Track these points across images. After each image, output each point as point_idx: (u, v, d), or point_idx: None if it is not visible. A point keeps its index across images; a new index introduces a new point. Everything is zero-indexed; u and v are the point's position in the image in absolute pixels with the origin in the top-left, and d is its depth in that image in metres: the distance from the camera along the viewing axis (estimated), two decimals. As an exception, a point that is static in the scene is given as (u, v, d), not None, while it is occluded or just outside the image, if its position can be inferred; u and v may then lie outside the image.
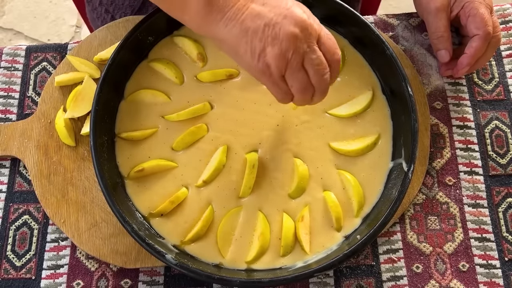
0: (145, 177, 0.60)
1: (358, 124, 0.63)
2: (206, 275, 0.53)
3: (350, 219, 0.59)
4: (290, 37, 0.46)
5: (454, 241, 0.61)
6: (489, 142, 0.65)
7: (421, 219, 0.62)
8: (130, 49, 0.62)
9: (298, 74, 0.48)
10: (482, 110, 0.67)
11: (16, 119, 0.67)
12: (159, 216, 0.59)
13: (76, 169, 0.63)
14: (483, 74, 0.69)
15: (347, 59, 0.65)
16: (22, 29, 1.66)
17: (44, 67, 0.69)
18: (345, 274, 0.60)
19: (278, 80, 0.49)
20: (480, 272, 0.60)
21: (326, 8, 0.64)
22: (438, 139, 0.65)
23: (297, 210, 0.59)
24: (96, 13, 0.86)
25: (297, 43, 0.47)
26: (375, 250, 0.61)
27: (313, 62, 0.48)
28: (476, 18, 0.61)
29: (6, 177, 0.64)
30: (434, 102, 0.67)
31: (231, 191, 0.60)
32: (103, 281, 0.60)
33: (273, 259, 0.57)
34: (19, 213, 0.63)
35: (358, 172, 0.61)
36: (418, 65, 0.69)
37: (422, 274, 0.60)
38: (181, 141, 0.61)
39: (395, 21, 0.71)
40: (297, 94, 0.50)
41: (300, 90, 0.49)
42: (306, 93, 0.50)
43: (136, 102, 0.63)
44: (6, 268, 0.60)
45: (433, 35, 0.65)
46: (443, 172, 0.64)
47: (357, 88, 0.64)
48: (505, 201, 0.62)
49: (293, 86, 0.49)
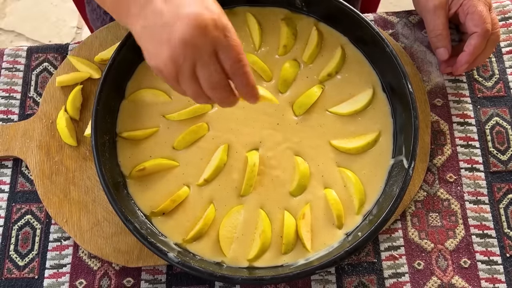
0: (147, 176, 0.60)
1: (358, 122, 0.63)
2: (208, 273, 0.53)
3: (351, 216, 0.59)
4: (181, 42, 0.43)
5: (455, 238, 0.61)
6: (489, 138, 0.65)
7: (422, 216, 0.62)
8: (131, 48, 0.62)
9: (189, 82, 0.46)
10: (483, 106, 0.67)
11: (18, 119, 0.67)
12: (161, 215, 0.59)
13: (78, 169, 0.63)
14: (483, 71, 0.69)
15: (347, 57, 0.65)
16: (24, 31, 1.66)
17: (45, 67, 0.70)
18: (347, 271, 0.60)
19: (172, 81, 0.47)
20: (481, 268, 0.60)
21: (326, 7, 0.64)
22: (438, 136, 0.65)
23: (298, 208, 0.59)
24: (96, 14, 0.86)
25: (188, 50, 0.44)
26: (377, 247, 0.61)
27: (203, 75, 0.45)
28: (475, 15, 0.61)
29: (9, 177, 0.65)
30: (434, 99, 0.67)
31: (232, 189, 0.60)
32: (106, 280, 0.60)
33: (275, 257, 0.57)
34: (22, 213, 0.63)
35: (359, 170, 0.61)
36: (418, 63, 0.69)
37: (424, 271, 0.60)
38: (182, 140, 0.61)
39: (395, 18, 0.71)
40: (191, 98, 0.48)
41: (192, 96, 0.48)
42: (199, 99, 0.48)
43: (137, 101, 0.64)
44: (9, 267, 0.61)
45: (432, 33, 0.65)
46: (444, 169, 0.64)
47: (358, 86, 0.64)
48: (506, 197, 0.62)
49: (185, 91, 0.48)
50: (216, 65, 0.45)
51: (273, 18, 0.66)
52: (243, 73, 0.47)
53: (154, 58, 0.46)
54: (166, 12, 0.44)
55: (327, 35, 0.66)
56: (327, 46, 0.66)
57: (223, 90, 0.47)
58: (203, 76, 0.45)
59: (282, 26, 0.66)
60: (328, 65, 0.65)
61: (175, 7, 0.44)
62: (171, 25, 0.44)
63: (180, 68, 0.45)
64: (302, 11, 0.66)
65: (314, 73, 0.65)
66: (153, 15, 0.45)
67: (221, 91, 0.47)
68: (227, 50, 0.45)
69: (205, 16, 0.43)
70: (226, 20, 0.45)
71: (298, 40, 0.66)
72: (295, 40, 0.66)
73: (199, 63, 0.45)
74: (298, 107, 0.63)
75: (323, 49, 0.65)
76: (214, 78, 0.45)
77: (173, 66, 0.45)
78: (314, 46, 0.65)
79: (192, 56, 0.44)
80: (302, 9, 0.66)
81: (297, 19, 0.66)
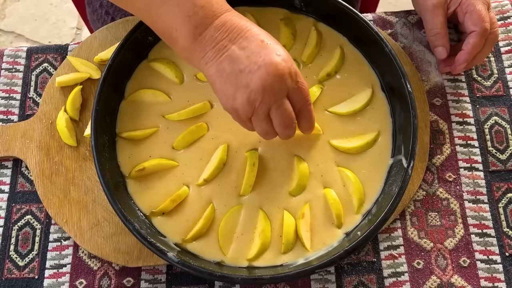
0: (146, 176, 0.60)
1: (358, 122, 0.63)
2: (208, 273, 0.53)
3: (351, 215, 0.59)
4: (260, 88, 0.48)
5: (454, 237, 0.61)
6: (488, 138, 0.65)
7: (421, 215, 0.62)
8: (130, 49, 0.62)
9: (261, 122, 0.51)
10: (482, 106, 0.67)
11: (17, 120, 0.67)
12: (160, 215, 0.59)
13: (78, 169, 0.63)
14: (482, 70, 0.69)
15: (346, 57, 0.65)
16: (23, 32, 1.67)
17: (45, 68, 0.70)
18: (346, 271, 0.60)
19: (245, 120, 0.52)
20: (481, 267, 0.60)
21: (325, 7, 0.64)
22: (437, 136, 0.65)
23: (297, 208, 0.59)
24: (97, 15, 0.86)
25: (265, 96, 0.48)
26: (376, 246, 0.61)
27: (278, 116, 0.51)
28: (473, 14, 0.61)
29: (9, 177, 0.65)
30: (433, 98, 0.67)
31: (232, 189, 0.60)
32: (106, 280, 0.60)
33: (274, 256, 0.57)
34: (22, 213, 0.63)
35: (358, 169, 0.61)
36: (417, 62, 0.69)
37: (423, 270, 0.60)
38: (181, 140, 0.62)
39: (394, 18, 0.71)
40: (260, 135, 0.54)
41: (263, 135, 0.54)
42: (267, 136, 0.54)
43: (136, 102, 0.64)
44: (9, 268, 0.61)
45: (430, 32, 0.65)
46: (443, 168, 0.64)
47: (357, 85, 0.64)
48: (505, 196, 0.63)
49: (256, 130, 0.53)
50: (289, 108, 0.51)
51: (272, 18, 0.66)
52: (309, 112, 0.54)
53: (231, 100, 0.50)
54: (244, 59, 0.48)
55: (326, 35, 0.66)
56: (326, 46, 0.66)
57: (293, 128, 0.53)
58: (277, 117, 0.51)
59: (281, 26, 0.66)
60: (327, 65, 0.65)
61: (252, 55, 0.48)
62: (249, 72, 0.48)
63: (256, 110, 0.50)
64: (301, 11, 0.67)
65: (313, 73, 0.65)
66: (230, 61, 0.49)
67: (290, 129, 0.53)
68: (298, 93, 0.51)
69: (283, 66, 0.49)
70: (295, 67, 0.51)
71: (297, 40, 0.66)
72: (294, 40, 0.66)
73: (274, 106, 0.50)
74: (297, 107, 0.63)
75: (322, 49, 0.66)
76: (287, 119, 0.51)
77: (249, 108, 0.49)
78: (313, 46, 0.65)
79: (269, 101, 0.49)
80: (301, 9, 0.66)
81: (296, 19, 0.67)
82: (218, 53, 0.49)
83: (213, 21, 0.50)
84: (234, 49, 0.49)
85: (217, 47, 0.49)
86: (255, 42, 0.49)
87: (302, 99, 0.52)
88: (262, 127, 0.52)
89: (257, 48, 0.49)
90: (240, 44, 0.49)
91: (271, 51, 0.49)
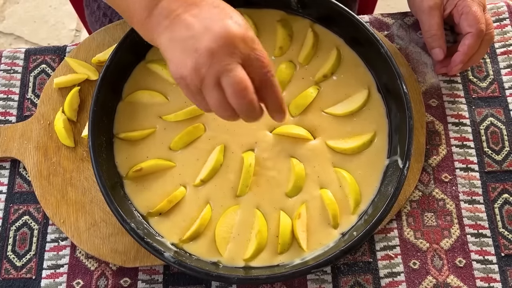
0: (144, 177, 0.61)
1: (354, 122, 0.63)
2: (205, 273, 0.53)
3: (347, 216, 0.59)
4: (208, 52, 0.44)
5: (450, 237, 0.61)
6: (484, 138, 0.65)
7: (417, 215, 0.62)
8: (128, 50, 0.63)
9: (212, 91, 0.46)
10: (477, 107, 0.67)
11: (15, 121, 0.68)
12: (157, 215, 0.59)
13: (75, 170, 0.64)
14: (478, 72, 0.69)
15: (343, 59, 0.66)
16: (22, 34, 1.67)
17: (43, 69, 0.70)
18: (343, 271, 0.60)
19: (195, 93, 0.47)
20: (476, 267, 0.60)
21: (321, 8, 0.64)
22: (434, 136, 0.66)
23: (294, 208, 0.60)
24: (95, 17, 0.87)
25: (214, 59, 0.44)
26: (372, 246, 0.61)
27: (229, 83, 0.45)
28: (469, 16, 0.62)
29: (6, 178, 0.65)
30: (429, 99, 0.68)
31: (229, 189, 0.60)
32: (103, 280, 0.60)
33: (271, 257, 0.58)
34: (19, 213, 0.63)
35: (354, 170, 0.61)
36: (413, 64, 0.69)
37: (419, 270, 0.60)
38: (178, 141, 0.62)
39: (390, 20, 0.72)
40: (215, 110, 0.48)
41: (216, 107, 0.47)
42: (223, 111, 0.47)
43: (134, 102, 0.64)
44: (6, 268, 0.61)
45: (427, 34, 0.65)
46: (439, 169, 0.64)
47: (353, 86, 0.64)
48: (501, 197, 0.63)
49: (209, 102, 0.47)
50: (243, 74, 0.45)
51: (269, 19, 0.67)
52: (272, 85, 0.47)
53: (178, 67, 0.46)
54: (195, 25, 0.46)
55: (323, 37, 0.66)
56: (322, 47, 0.66)
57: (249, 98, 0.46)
58: (228, 84, 0.45)
59: (278, 28, 0.66)
60: (323, 66, 0.65)
61: (204, 20, 0.46)
62: (199, 37, 0.45)
63: (204, 77, 0.45)
64: (298, 12, 0.67)
65: (310, 74, 0.65)
66: (181, 27, 0.47)
67: (247, 100, 0.46)
68: (255, 61, 0.46)
69: (233, 29, 0.45)
70: (253, 34, 0.47)
71: (294, 42, 0.66)
72: (291, 42, 0.66)
73: (224, 72, 0.45)
74: (294, 108, 0.64)
75: (319, 50, 0.66)
76: (240, 86, 0.45)
77: (197, 75, 0.45)
78: (310, 47, 0.65)
79: (218, 66, 0.44)
80: (297, 11, 0.67)
81: (293, 20, 0.67)
82: (171, 22, 0.47)
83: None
84: (187, 17, 0.47)
85: (171, 16, 0.47)
86: (208, 8, 0.47)
87: (260, 68, 0.46)
88: (213, 98, 0.46)
89: (210, 13, 0.46)
90: (193, 12, 0.47)
91: (225, 15, 0.46)
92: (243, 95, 0.45)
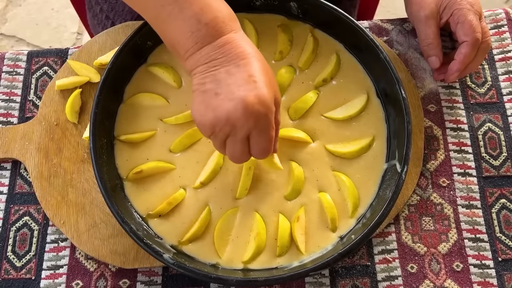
0: (144, 179, 0.61)
1: (353, 127, 0.64)
2: (203, 274, 0.54)
3: (345, 219, 0.60)
4: (224, 118, 0.49)
5: (448, 242, 0.62)
6: (482, 144, 0.66)
7: (415, 219, 0.63)
8: (129, 53, 0.63)
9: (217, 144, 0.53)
10: (475, 112, 0.68)
11: (17, 122, 0.68)
12: (157, 217, 0.60)
13: (76, 171, 0.64)
14: (476, 78, 0.70)
15: (342, 64, 0.66)
16: (25, 36, 1.68)
17: (45, 71, 0.71)
18: (341, 274, 0.60)
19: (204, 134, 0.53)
20: (474, 272, 0.60)
21: (321, 14, 0.65)
22: (432, 141, 0.66)
23: (293, 211, 0.60)
24: (97, 20, 0.87)
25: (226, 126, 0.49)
26: (370, 250, 0.61)
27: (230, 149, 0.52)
28: (465, 25, 0.62)
29: (7, 179, 0.65)
30: (428, 105, 0.68)
31: (228, 192, 0.61)
32: (102, 281, 0.60)
33: (269, 259, 0.58)
34: (20, 214, 0.64)
35: (353, 174, 0.62)
36: (412, 69, 0.70)
37: (417, 274, 0.60)
38: (179, 144, 0.62)
39: (390, 26, 0.73)
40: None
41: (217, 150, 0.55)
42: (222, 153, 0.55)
43: (135, 105, 0.64)
44: (6, 268, 0.61)
45: (423, 42, 0.66)
46: (437, 174, 0.65)
47: (352, 91, 0.65)
48: (498, 202, 0.63)
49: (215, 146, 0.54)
50: (244, 147, 0.52)
51: (269, 24, 0.68)
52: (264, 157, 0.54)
53: (197, 115, 0.51)
54: (224, 85, 0.49)
55: (323, 42, 0.67)
56: (322, 52, 0.67)
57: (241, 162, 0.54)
58: (229, 149, 0.52)
59: (279, 33, 0.67)
60: (323, 71, 0.66)
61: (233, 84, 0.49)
62: (224, 100, 0.49)
63: (215, 135, 0.51)
64: (298, 18, 0.68)
65: (310, 79, 0.66)
66: (212, 80, 0.50)
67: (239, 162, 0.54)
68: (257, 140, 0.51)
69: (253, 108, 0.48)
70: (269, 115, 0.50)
71: (294, 46, 0.67)
72: (291, 46, 0.67)
73: (230, 138, 0.51)
74: (294, 112, 0.64)
75: (319, 55, 0.67)
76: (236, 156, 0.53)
77: (209, 130, 0.51)
78: (310, 52, 0.66)
79: (228, 132, 0.50)
80: (298, 16, 0.67)
81: (293, 25, 0.68)
82: (207, 70, 0.50)
83: (215, 40, 0.50)
84: (221, 72, 0.50)
85: (209, 64, 0.50)
86: (243, 74, 0.49)
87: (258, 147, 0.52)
88: (217, 148, 0.54)
89: (242, 80, 0.49)
90: (229, 69, 0.50)
91: (253, 89, 0.49)
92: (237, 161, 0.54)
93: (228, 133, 0.50)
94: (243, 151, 0.52)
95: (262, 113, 0.49)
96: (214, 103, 0.49)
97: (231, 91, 0.49)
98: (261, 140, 0.51)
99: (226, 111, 0.48)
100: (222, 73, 0.50)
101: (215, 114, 0.49)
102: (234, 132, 0.50)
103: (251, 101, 0.48)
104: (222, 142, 0.52)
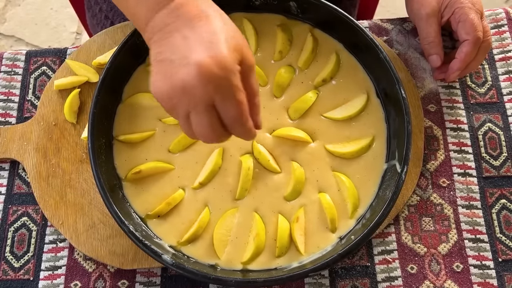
0: (143, 179, 0.61)
1: (353, 127, 0.64)
2: (202, 275, 0.53)
3: (345, 220, 0.59)
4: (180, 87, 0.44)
5: (448, 242, 0.61)
6: (482, 144, 0.66)
7: (415, 220, 0.62)
8: (128, 53, 0.63)
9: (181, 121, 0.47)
10: (476, 112, 0.68)
11: (15, 122, 0.68)
12: (156, 218, 0.59)
13: (75, 171, 0.64)
14: (476, 77, 0.70)
15: (342, 63, 0.66)
16: (23, 36, 1.68)
17: (43, 71, 0.70)
18: (340, 275, 0.60)
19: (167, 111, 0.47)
20: (474, 272, 0.60)
21: (321, 13, 0.65)
22: (432, 141, 0.66)
23: (292, 212, 0.60)
24: (96, 20, 0.87)
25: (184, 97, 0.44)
26: (370, 251, 0.61)
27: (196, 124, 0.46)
28: (466, 23, 0.62)
29: (5, 179, 0.65)
30: (428, 105, 0.68)
31: (227, 192, 0.61)
32: (101, 282, 0.60)
33: (269, 260, 0.58)
34: (18, 215, 0.63)
35: (353, 174, 0.61)
36: (412, 69, 0.70)
37: (417, 275, 0.60)
38: (177, 144, 0.62)
39: (389, 25, 0.72)
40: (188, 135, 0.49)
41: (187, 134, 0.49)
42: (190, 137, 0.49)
43: (133, 105, 0.64)
44: (4, 269, 0.61)
45: (424, 41, 0.66)
46: (437, 174, 0.64)
47: (352, 91, 0.65)
48: (498, 202, 0.63)
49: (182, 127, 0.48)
50: (211, 119, 0.45)
51: (269, 24, 0.67)
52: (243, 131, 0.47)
53: (155, 87, 0.46)
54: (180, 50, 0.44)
55: (322, 41, 0.67)
56: (322, 52, 0.66)
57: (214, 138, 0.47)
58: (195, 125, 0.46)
59: (278, 32, 0.67)
60: (323, 71, 0.65)
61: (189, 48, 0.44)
62: (179, 66, 0.44)
63: (175, 108, 0.45)
64: (298, 17, 0.67)
65: (309, 79, 0.65)
66: (167, 47, 0.45)
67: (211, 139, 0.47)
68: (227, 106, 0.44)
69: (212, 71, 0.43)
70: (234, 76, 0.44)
71: (293, 46, 0.67)
72: (290, 46, 0.67)
73: (193, 112, 0.45)
74: (294, 112, 0.64)
75: (318, 55, 0.66)
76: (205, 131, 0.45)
77: (169, 103, 0.45)
78: (309, 52, 0.66)
79: (188, 104, 0.44)
80: (297, 16, 0.67)
81: (293, 25, 0.67)
82: (162, 37, 0.46)
83: (169, 3, 0.46)
84: (177, 37, 0.45)
85: (164, 30, 0.46)
86: (198, 36, 0.44)
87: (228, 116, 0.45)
88: (182, 126, 0.47)
89: (198, 42, 0.44)
90: (185, 33, 0.45)
91: (208, 50, 0.43)
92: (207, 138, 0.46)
93: (187, 104, 0.44)
94: (210, 124, 0.45)
95: (221, 76, 0.43)
96: (169, 72, 0.44)
97: (185, 56, 0.43)
98: (228, 106, 0.44)
99: (181, 79, 0.43)
100: (177, 38, 0.45)
101: (170, 84, 0.44)
102: (194, 102, 0.44)
103: (207, 64, 0.42)
104: (185, 117, 0.45)
